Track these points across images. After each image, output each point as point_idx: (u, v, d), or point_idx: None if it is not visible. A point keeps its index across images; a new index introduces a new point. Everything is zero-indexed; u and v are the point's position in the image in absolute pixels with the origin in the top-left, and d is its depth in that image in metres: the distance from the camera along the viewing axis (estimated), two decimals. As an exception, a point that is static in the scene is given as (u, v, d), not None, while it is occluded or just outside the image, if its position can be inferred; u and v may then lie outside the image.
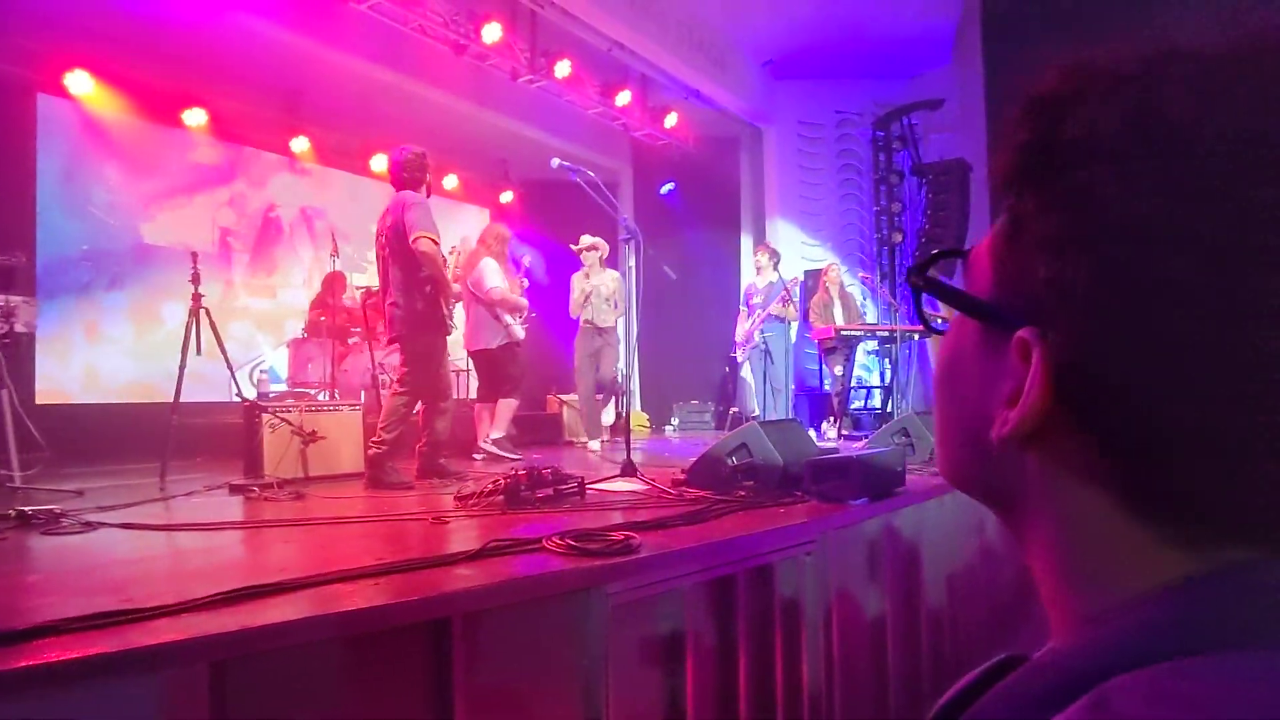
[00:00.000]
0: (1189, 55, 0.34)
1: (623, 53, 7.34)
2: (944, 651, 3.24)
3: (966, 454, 0.44)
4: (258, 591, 1.56)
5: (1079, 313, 0.34)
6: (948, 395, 0.45)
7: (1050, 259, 0.36)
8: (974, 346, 0.42)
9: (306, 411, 4.07)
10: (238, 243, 7.80)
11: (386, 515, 2.87)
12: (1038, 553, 0.41)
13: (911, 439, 4.13)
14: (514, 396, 5.34)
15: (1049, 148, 0.37)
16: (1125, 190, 0.33)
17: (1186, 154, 0.32)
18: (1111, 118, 0.34)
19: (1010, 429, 0.38)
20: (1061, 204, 0.35)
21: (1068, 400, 0.36)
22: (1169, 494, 0.34)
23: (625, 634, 1.93)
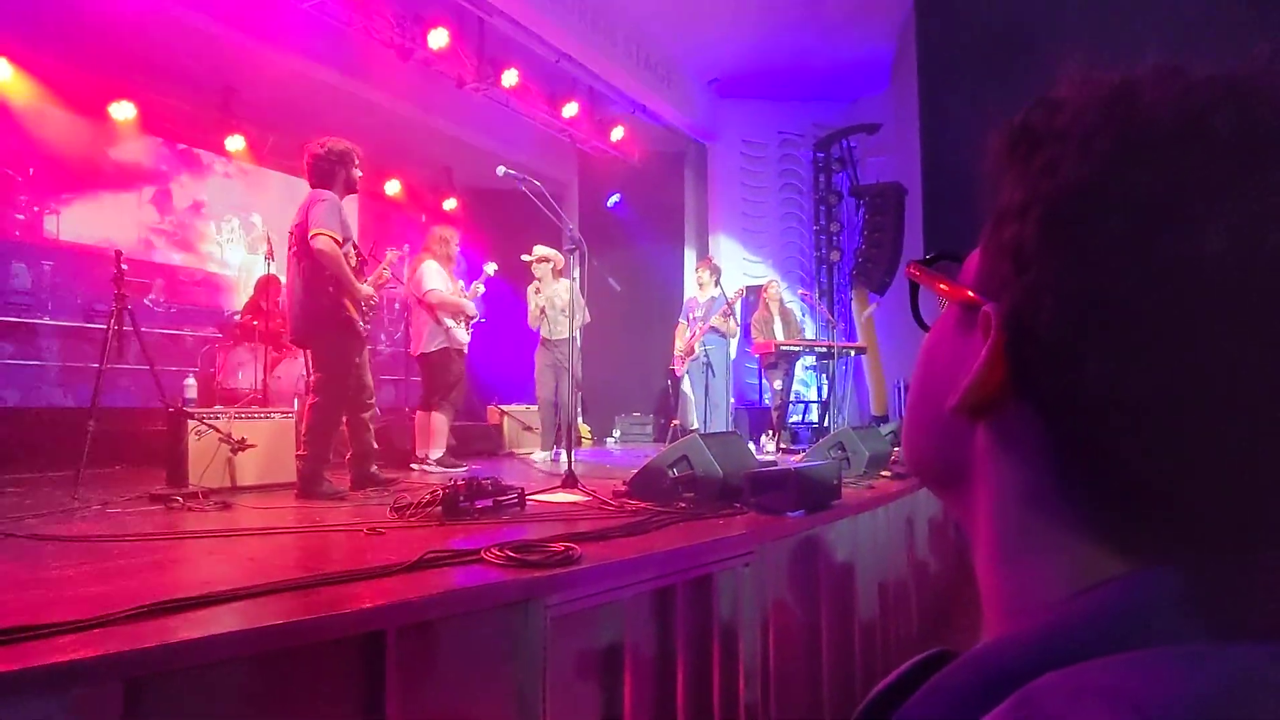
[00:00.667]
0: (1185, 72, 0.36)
1: (571, 65, 7.36)
2: (876, 661, 3.31)
3: (922, 429, 0.45)
4: (178, 605, 1.50)
5: (1025, 275, 0.35)
6: (918, 381, 0.46)
7: (1008, 227, 0.37)
8: (950, 332, 0.43)
9: (236, 418, 3.93)
10: (165, 242, 7.51)
11: (318, 526, 2.79)
12: (976, 537, 0.41)
13: (847, 453, 4.22)
14: (443, 409, 5.16)
15: (1033, 131, 0.38)
16: (1082, 160, 0.34)
17: (1143, 128, 0.33)
18: (1093, 103, 0.36)
19: (958, 397, 0.39)
20: (1029, 178, 0.37)
21: (1017, 371, 0.36)
22: (1101, 472, 0.34)
23: (563, 646, 1.91)
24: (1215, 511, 0.33)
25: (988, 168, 0.41)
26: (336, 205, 3.74)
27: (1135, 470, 0.33)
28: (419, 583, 1.76)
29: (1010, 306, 0.36)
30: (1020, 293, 0.36)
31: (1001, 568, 0.39)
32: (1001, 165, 0.40)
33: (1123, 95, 0.35)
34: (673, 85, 8.60)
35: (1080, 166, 0.34)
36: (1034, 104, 0.40)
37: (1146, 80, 0.35)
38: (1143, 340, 0.32)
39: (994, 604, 0.40)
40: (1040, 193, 0.36)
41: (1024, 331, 0.36)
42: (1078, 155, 0.35)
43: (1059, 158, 0.35)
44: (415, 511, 2.77)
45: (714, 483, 3.02)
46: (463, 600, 1.71)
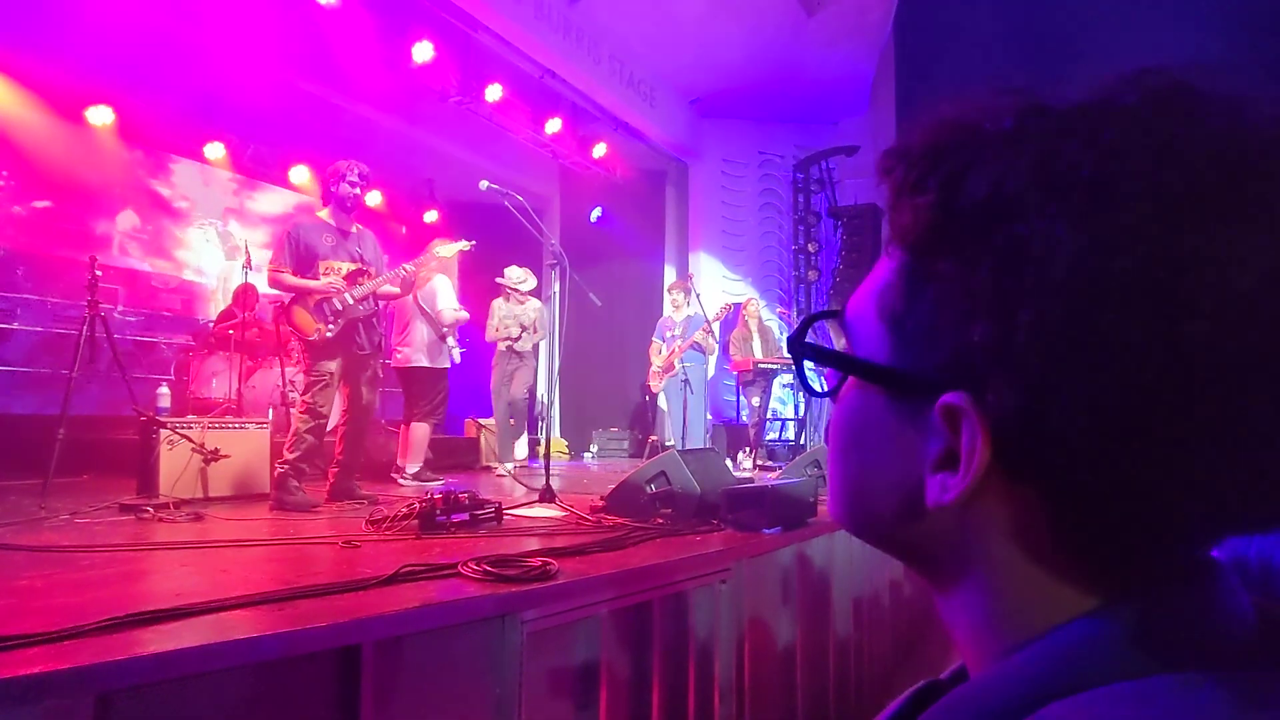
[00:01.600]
0: (1060, 112, 0.35)
1: (554, 81, 7.41)
2: (849, 678, 3.32)
3: (890, 519, 0.42)
4: (150, 617, 1.48)
5: (1019, 371, 0.34)
6: (857, 463, 0.44)
7: (981, 321, 0.35)
8: (883, 413, 0.41)
9: (209, 428, 3.88)
10: (140, 248, 7.42)
11: (293, 538, 2.76)
12: (963, 601, 0.40)
13: (823, 471, 4.25)
14: (429, 421, 5.21)
15: (955, 207, 0.36)
16: (1052, 247, 0.33)
17: (1103, 208, 0.32)
18: (1016, 175, 0.34)
19: (954, 495, 0.37)
20: (988, 264, 0.35)
21: (1005, 458, 0.35)
22: (1103, 535, 0.35)
23: (540, 661, 1.91)
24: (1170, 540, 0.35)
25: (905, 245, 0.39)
26: (290, 236, 3.87)
27: (1142, 533, 0.34)
28: (395, 597, 1.75)
29: (1001, 403, 0.35)
30: (1010, 387, 0.34)
31: (995, 621, 0.38)
32: (919, 238, 0.38)
33: (1050, 162, 0.34)
34: (655, 104, 8.68)
35: (1057, 257, 0.32)
36: (924, 160, 0.38)
37: (1042, 126, 0.35)
38: (1169, 427, 0.32)
39: (982, 651, 0.39)
40: (1018, 284, 0.33)
41: (1027, 429, 0.34)
42: (1043, 241, 0.33)
43: (1018, 241, 0.33)
44: (391, 525, 2.76)
45: (691, 499, 3.04)
46: (439, 615, 1.71)
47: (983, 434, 0.35)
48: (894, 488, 0.41)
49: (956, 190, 0.36)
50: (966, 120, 0.38)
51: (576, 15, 7.25)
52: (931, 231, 0.38)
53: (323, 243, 3.85)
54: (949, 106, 0.39)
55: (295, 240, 3.83)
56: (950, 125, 0.38)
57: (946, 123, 0.38)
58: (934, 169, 0.38)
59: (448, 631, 1.73)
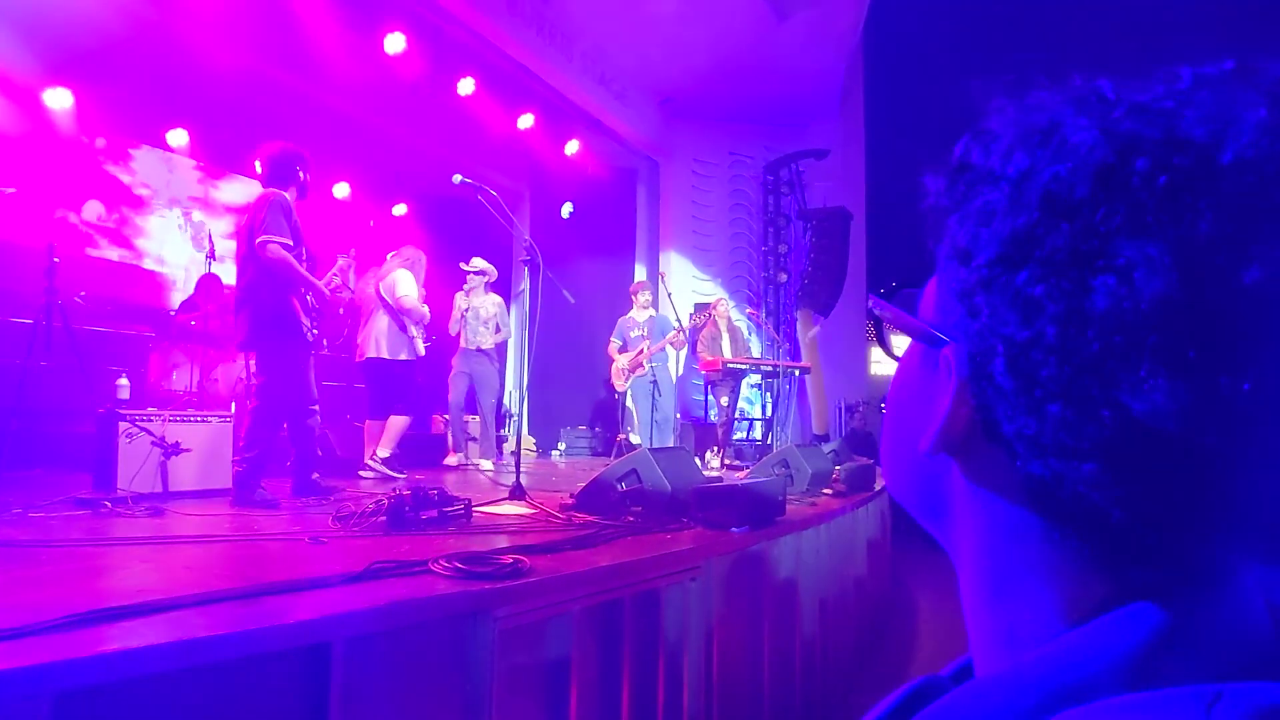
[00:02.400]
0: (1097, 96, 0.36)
1: (527, 77, 7.37)
2: (815, 674, 3.37)
3: (902, 467, 0.46)
4: (110, 615, 1.45)
5: (975, 321, 0.36)
6: (893, 415, 0.47)
7: (956, 270, 0.37)
8: (916, 368, 0.44)
9: (170, 421, 3.80)
10: (99, 235, 7.22)
11: (257, 534, 2.71)
12: (964, 569, 0.41)
13: (791, 470, 4.29)
14: (407, 414, 5.23)
15: (972, 173, 0.38)
16: (1015, 208, 0.34)
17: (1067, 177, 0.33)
18: (1021, 149, 0.36)
19: (927, 440, 0.39)
20: (969, 222, 0.37)
21: (981, 413, 0.37)
22: (1062, 500, 0.34)
23: (511, 659, 1.90)
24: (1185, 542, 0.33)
25: (934, 195, 0.40)
26: (284, 207, 3.67)
27: (1102, 506, 0.33)
28: (365, 594, 1.74)
29: (965, 351, 0.37)
30: (972, 338, 0.36)
31: (990, 600, 0.39)
32: (945, 197, 0.40)
33: (1049, 137, 0.35)
34: (627, 102, 8.68)
35: (1013, 215, 0.34)
36: (970, 136, 0.40)
37: (1069, 120, 0.35)
38: (1091, 385, 0.32)
39: (984, 636, 0.40)
40: (980, 240, 0.36)
41: (980, 377, 0.36)
42: (1009, 203, 0.35)
43: (994, 203, 0.35)
44: (359, 521, 2.72)
45: (662, 497, 3.05)
46: (410, 612, 1.69)
47: (955, 383, 0.38)
48: (910, 434, 0.43)
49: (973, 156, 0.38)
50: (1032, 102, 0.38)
51: (550, 12, 7.22)
52: (943, 190, 0.40)
53: (298, 226, 3.75)
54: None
55: (290, 213, 3.66)
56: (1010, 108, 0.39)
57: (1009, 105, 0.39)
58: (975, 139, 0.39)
59: (418, 629, 1.71)
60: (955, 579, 0.42)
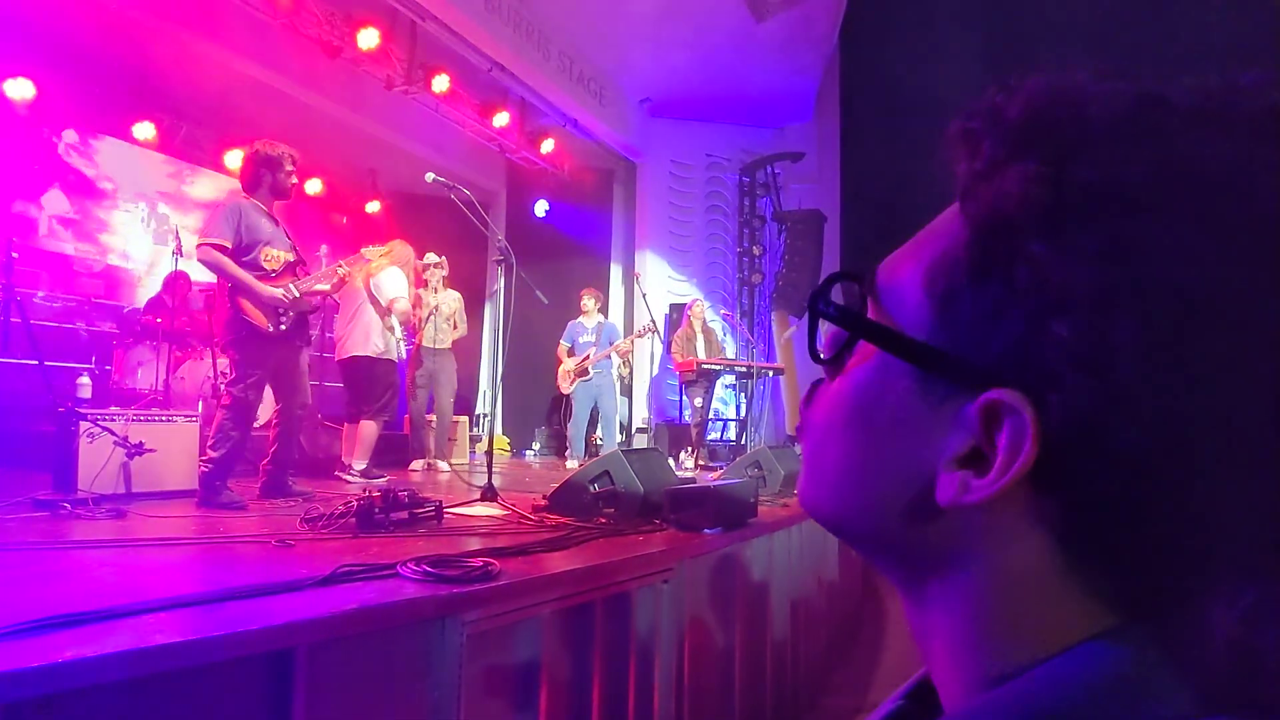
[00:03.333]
0: (1174, 104, 0.33)
1: (503, 74, 7.32)
2: (786, 676, 3.38)
3: (878, 514, 0.39)
4: (66, 621, 1.41)
5: (1102, 377, 0.31)
6: (857, 444, 0.40)
7: (1072, 316, 0.32)
8: (903, 394, 0.37)
9: (134, 421, 3.72)
10: (62, 229, 7.06)
11: (223, 537, 2.66)
12: (947, 615, 0.37)
13: (764, 472, 4.31)
14: (378, 419, 5.09)
15: (1061, 186, 0.33)
16: (1174, 251, 0.30)
17: (1235, 217, 0.30)
18: (1133, 165, 0.32)
19: (979, 498, 0.34)
20: (1096, 257, 0.31)
21: (1043, 466, 0.33)
22: (1119, 561, 0.33)
23: (480, 663, 1.89)
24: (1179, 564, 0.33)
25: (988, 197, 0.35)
26: (233, 211, 3.66)
27: (1163, 555, 0.32)
28: (331, 598, 1.71)
29: (1066, 410, 0.32)
30: (1091, 398, 0.31)
31: (984, 637, 0.36)
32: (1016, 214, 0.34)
33: (1174, 157, 0.32)
34: (604, 102, 8.67)
35: (1178, 262, 0.30)
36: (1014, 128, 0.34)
37: (1184, 135, 0.32)
38: (1245, 460, 0.31)
39: (963, 674, 0.37)
40: (1131, 286, 0.31)
41: (1083, 443, 0.32)
42: (1163, 242, 0.31)
43: (1134, 238, 0.31)
44: (327, 523, 2.69)
45: (635, 499, 3.04)
46: (377, 617, 1.67)
47: (1031, 438, 0.32)
48: (899, 478, 0.37)
49: (1065, 168, 0.33)
50: (1072, 95, 0.34)
51: (527, 10, 7.18)
52: (1033, 207, 0.33)
53: (264, 227, 3.72)
54: (1046, 78, 0.35)
55: (239, 217, 3.64)
56: (1056, 96, 0.35)
57: (1051, 92, 0.35)
58: (1038, 140, 0.34)
59: (386, 634, 1.69)
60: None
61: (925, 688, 0.41)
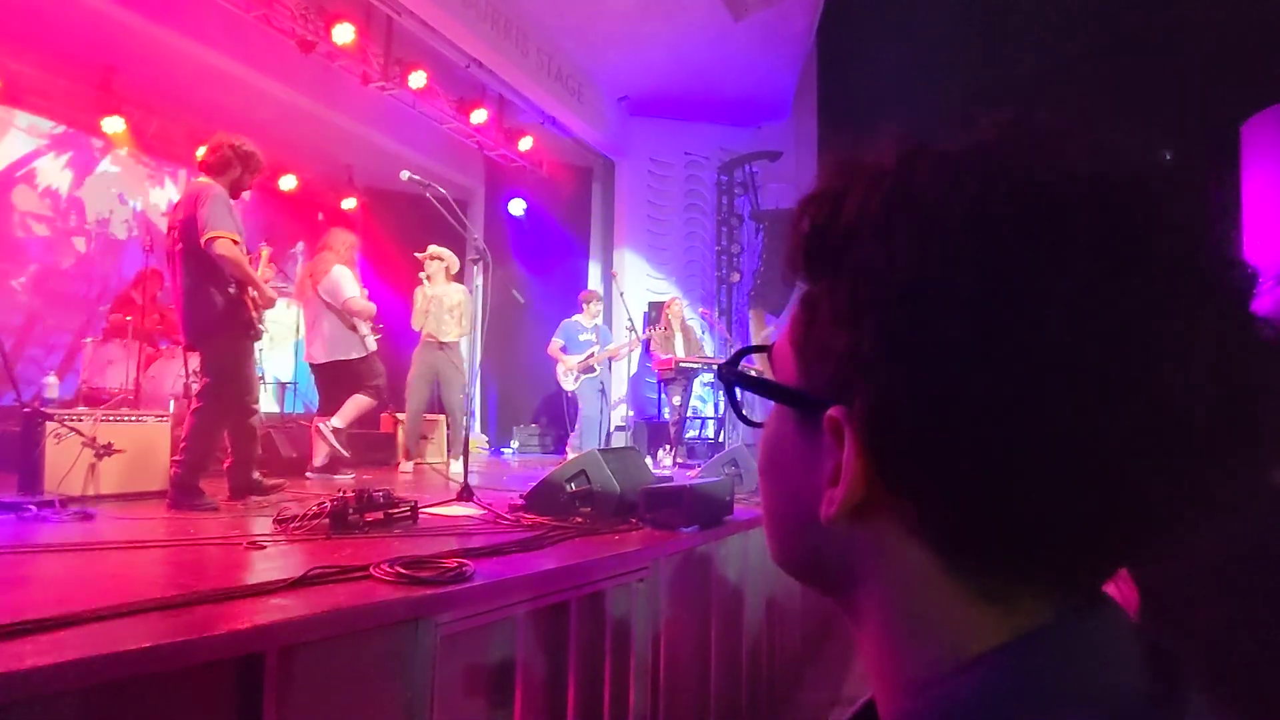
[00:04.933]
0: (933, 151, 0.38)
1: (480, 71, 7.28)
2: (761, 675, 3.40)
3: (798, 540, 0.44)
4: (27, 628, 1.38)
5: (873, 379, 0.36)
6: (771, 485, 0.46)
7: (842, 332, 0.38)
8: (791, 434, 0.43)
9: (103, 421, 3.65)
10: (28, 224, 6.91)
11: (193, 539, 2.63)
12: (868, 626, 0.41)
13: (740, 470, 4.32)
14: (373, 400, 5.12)
15: (828, 232, 0.40)
16: (891, 261, 0.35)
17: (934, 229, 0.35)
18: (874, 201, 0.37)
19: (836, 507, 0.38)
20: (845, 280, 0.38)
21: (882, 469, 0.37)
22: (978, 545, 0.36)
23: (453, 664, 1.88)
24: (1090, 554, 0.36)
25: (786, 267, 0.42)
26: (226, 200, 3.54)
27: (1009, 538, 0.35)
28: (302, 601, 1.69)
29: (864, 410, 0.37)
30: (871, 397, 0.36)
31: (895, 651, 0.39)
32: (800, 268, 0.41)
33: (899, 189, 0.37)
34: (583, 100, 8.64)
35: (895, 270, 0.35)
36: (810, 201, 0.41)
37: (910, 163, 0.37)
38: (1004, 423, 0.33)
39: (885, 683, 0.40)
40: (863, 300, 0.37)
41: (884, 433, 0.36)
42: (887, 260, 0.36)
43: (868, 262, 0.37)
44: (300, 524, 2.66)
45: (611, 498, 3.04)
46: (348, 620, 1.66)
47: (853, 444, 0.37)
48: (797, 505, 0.42)
49: (831, 217, 0.40)
50: (861, 160, 0.40)
51: (505, 6, 7.14)
52: (807, 255, 0.41)
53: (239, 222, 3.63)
54: (855, 153, 0.42)
55: (231, 208, 3.53)
56: (845, 163, 0.41)
57: (844, 161, 0.41)
58: (820, 203, 0.41)
59: (358, 636, 1.68)
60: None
61: (871, 711, 0.44)
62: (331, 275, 5.12)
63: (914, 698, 0.37)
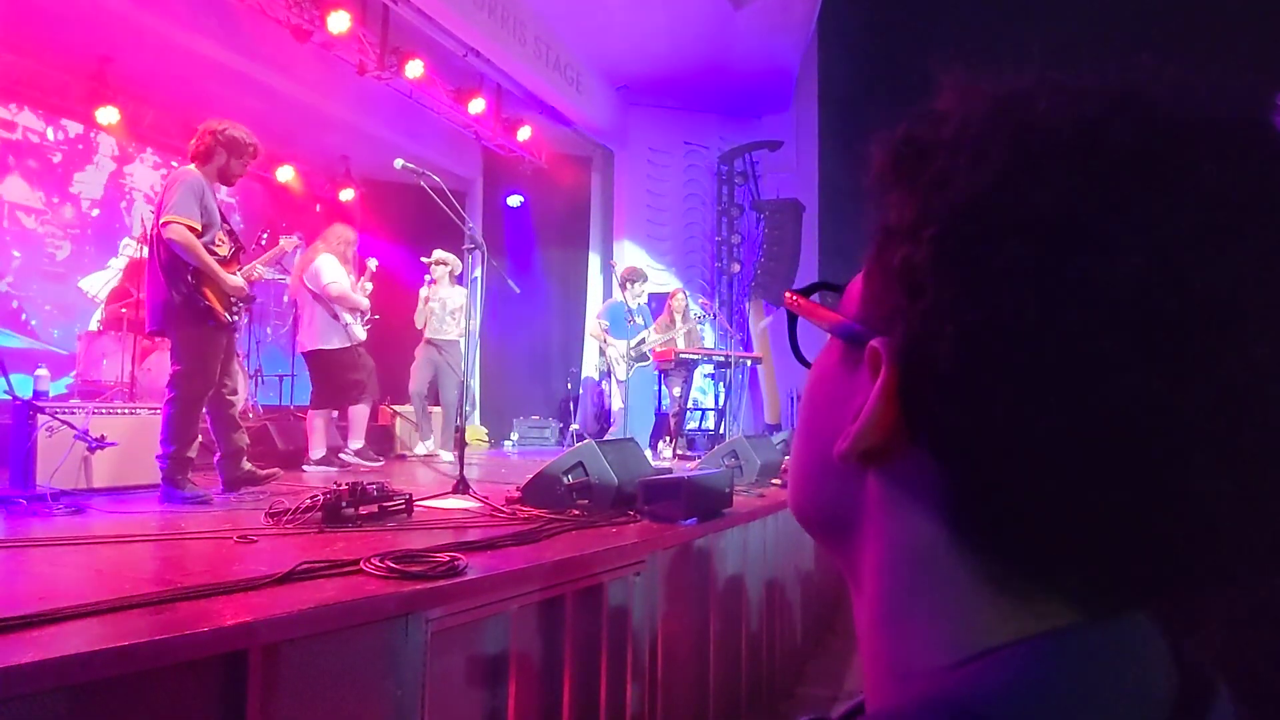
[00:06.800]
0: (1057, 80, 0.34)
1: (478, 60, 7.21)
2: (761, 669, 3.37)
3: (811, 483, 0.41)
4: (9, 624, 1.35)
5: (919, 299, 0.32)
6: (803, 424, 0.42)
7: (903, 246, 0.33)
8: (834, 369, 0.39)
9: (95, 414, 3.62)
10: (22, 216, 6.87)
11: (183, 533, 2.60)
12: (860, 592, 0.38)
13: (740, 461, 4.29)
14: (362, 402, 5.17)
15: (921, 139, 0.35)
16: (975, 167, 0.32)
17: (1035, 141, 0.31)
18: (980, 112, 0.34)
19: (848, 442, 0.35)
20: (918, 195, 0.34)
21: (909, 411, 0.33)
22: (997, 522, 0.31)
23: (445, 660, 1.84)
24: (1135, 561, 0.30)
25: (870, 185, 0.37)
26: (196, 187, 3.48)
27: (1031, 518, 0.30)
28: (289, 596, 1.66)
29: (903, 340, 0.33)
30: (914, 323, 0.32)
31: (886, 627, 0.36)
32: (885, 182, 0.37)
33: (1012, 104, 0.33)
34: (581, 89, 8.57)
35: (974, 180, 0.31)
36: (915, 116, 0.37)
37: (1034, 89, 0.33)
38: (1055, 373, 0.28)
39: (876, 665, 0.36)
40: (932, 210, 0.32)
41: (919, 367, 0.32)
42: (970, 168, 0.32)
43: (950, 171, 0.32)
44: (292, 517, 2.62)
45: (609, 490, 3.01)
46: (337, 615, 1.62)
47: (886, 378, 0.33)
48: (819, 444, 0.39)
49: (931, 126, 0.35)
50: (981, 84, 0.36)
51: (502, -7, 7.07)
52: (894, 162, 0.36)
53: (215, 208, 3.56)
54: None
55: (201, 194, 3.47)
56: (965, 86, 0.36)
57: (964, 84, 0.36)
58: (919, 114, 0.37)
59: (347, 632, 1.64)
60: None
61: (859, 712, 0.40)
62: (315, 264, 5.14)
63: (904, 688, 0.33)
